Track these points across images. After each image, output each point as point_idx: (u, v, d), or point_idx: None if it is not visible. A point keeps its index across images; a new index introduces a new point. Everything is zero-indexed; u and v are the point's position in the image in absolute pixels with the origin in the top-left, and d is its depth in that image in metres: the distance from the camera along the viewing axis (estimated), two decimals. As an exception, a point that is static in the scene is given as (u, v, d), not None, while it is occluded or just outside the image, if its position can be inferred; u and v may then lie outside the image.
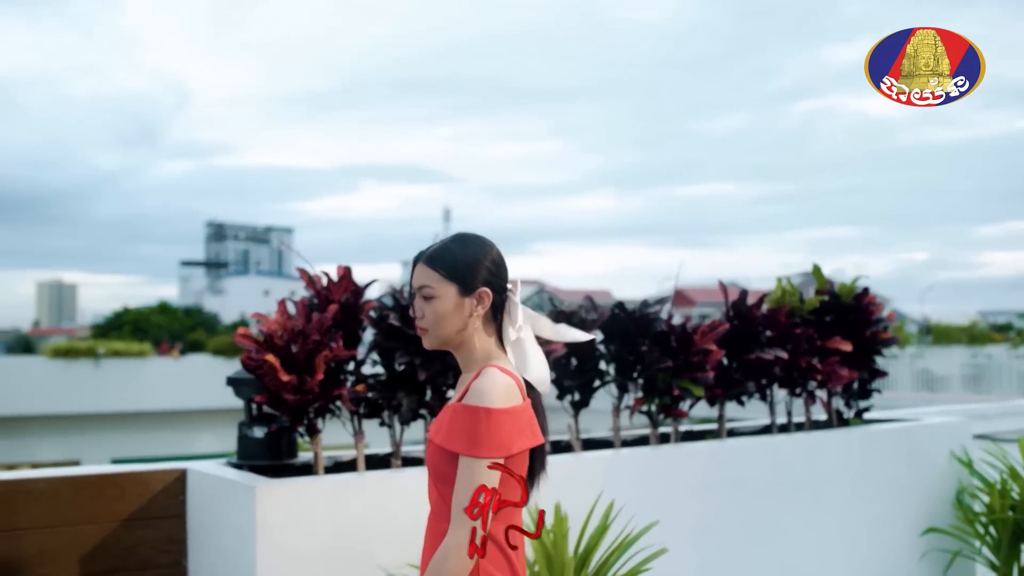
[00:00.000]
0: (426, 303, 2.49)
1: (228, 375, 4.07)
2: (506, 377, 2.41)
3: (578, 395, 4.50)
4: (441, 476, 2.42)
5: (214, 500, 3.74)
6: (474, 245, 2.56)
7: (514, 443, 2.37)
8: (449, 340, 2.52)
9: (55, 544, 3.66)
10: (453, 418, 2.38)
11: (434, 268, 2.49)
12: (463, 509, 2.27)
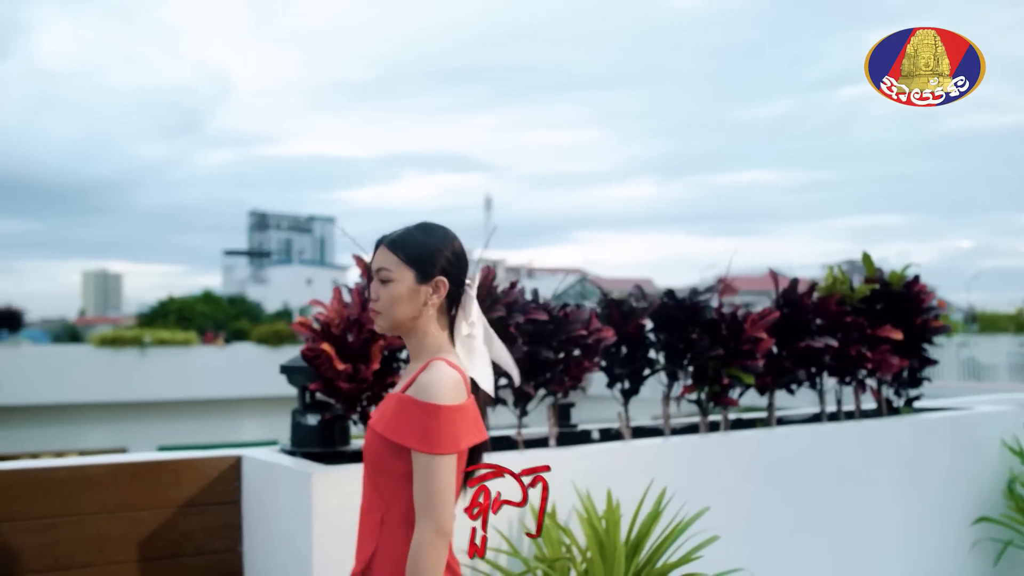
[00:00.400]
0: (383, 286, 2.49)
1: (281, 363, 4.10)
2: (454, 372, 2.42)
3: (628, 383, 4.50)
4: (380, 468, 2.45)
5: (269, 487, 3.79)
6: (437, 234, 2.58)
7: (463, 439, 2.41)
8: (401, 325, 2.52)
9: (114, 529, 3.72)
10: (401, 411, 2.39)
11: (394, 252, 2.50)
12: (425, 505, 2.33)
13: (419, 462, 2.35)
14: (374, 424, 2.46)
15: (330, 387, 3.67)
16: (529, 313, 3.91)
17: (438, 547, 2.33)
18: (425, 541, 2.32)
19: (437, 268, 2.50)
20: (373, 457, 2.46)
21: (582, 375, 4.13)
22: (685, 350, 4.49)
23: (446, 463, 2.36)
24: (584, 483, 3.86)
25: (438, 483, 2.34)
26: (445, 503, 2.36)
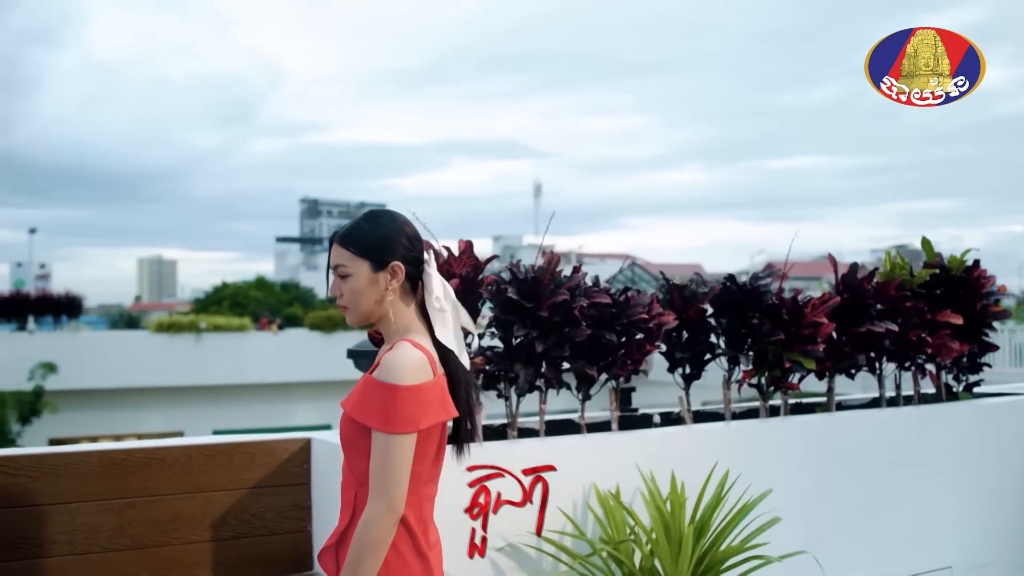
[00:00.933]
0: (342, 281, 2.58)
1: (348, 347, 4.18)
2: (417, 352, 2.48)
3: (688, 368, 4.54)
4: (350, 445, 2.54)
5: (338, 468, 3.86)
6: (384, 221, 2.64)
7: (422, 419, 2.45)
8: (369, 315, 2.60)
9: (189, 510, 3.82)
10: (365, 391, 2.47)
11: (346, 247, 2.57)
12: (378, 481, 2.40)
13: (376, 440, 2.42)
14: (344, 404, 2.53)
15: (397, 371, 3.72)
16: (592, 297, 3.95)
17: (387, 525, 2.41)
18: (374, 516, 2.40)
19: (390, 254, 2.57)
20: (345, 436, 2.56)
21: (643, 359, 4.17)
22: (746, 335, 4.52)
23: (402, 442, 2.42)
24: (647, 466, 3.91)
25: (392, 461, 2.41)
26: (398, 481, 2.42)
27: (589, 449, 3.97)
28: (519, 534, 3.70)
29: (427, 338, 2.60)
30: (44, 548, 3.55)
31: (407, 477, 2.45)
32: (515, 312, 3.87)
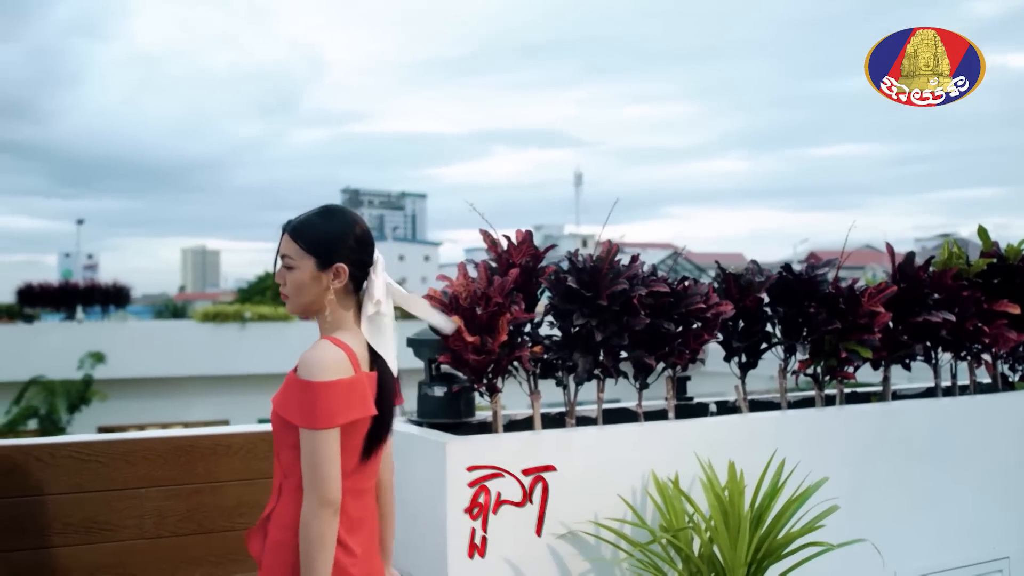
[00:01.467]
0: (287, 272, 2.62)
1: (408, 336, 4.22)
2: (336, 350, 2.53)
3: (744, 357, 4.55)
4: (280, 439, 2.60)
5: (401, 455, 3.91)
6: (338, 220, 2.67)
7: (341, 414, 2.50)
8: (308, 309, 2.65)
9: (251, 495, 3.89)
10: (288, 387, 2.53)
11: (295, 240, 2.61)
12: (309, 477, 2.46)
13: (302, 437, 2.48)
14: (272, 399, 2.58)
15: (458, 360, 3.77)
16: (650, 286, 3.97)
17: (323, 518, 2.46)
18: (310, 512, 2.46)
19: (337, 255, 2.61)
20: (274, 430, 2.61)
21: (700, 348, 4.19)
22: (802, 324, 4.52)
23: (325, 437, 2.47)
24: (705, 454, 3.93)
25: (319, 457, 2.46)
26: (328, 475, 2.47)
27: (647, 437, 4.00)
28: (579, 522, 3.73)
29: (358, 337, 2.65)
30: (115, 532, 3.63)
31: (337, 470, 2.49)
32: (574, 301, 3.90)
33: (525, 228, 4.03)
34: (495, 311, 3.73)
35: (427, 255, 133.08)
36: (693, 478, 3.94)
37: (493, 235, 4.01)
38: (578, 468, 3.78)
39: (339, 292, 2.63)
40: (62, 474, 3.59)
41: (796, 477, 3.98)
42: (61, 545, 3.55)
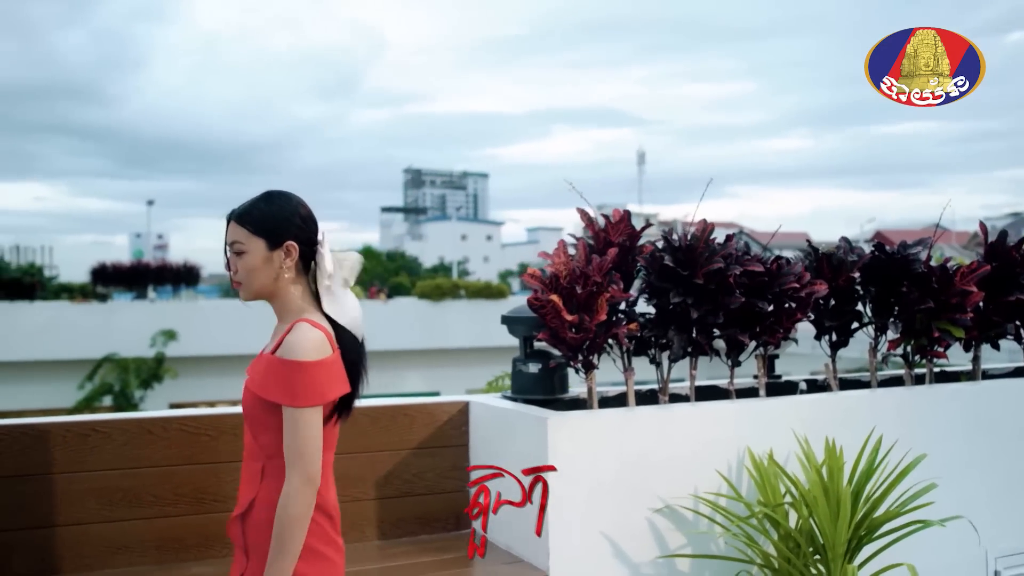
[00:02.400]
0: (238, 258, 2.69)
1: (503, 314, 4.28)
2: (316, 331, 2.62)
3: (835, 336, 4.56)
4: (255, 420, 2.68)
5: (498, 431, 3.98)
6: (280, 201, 2.76)
7: (328, 391, 2.63)
8: (262, 291, 2.73)
9: (355, 469, 3.97)
10: (269, 370, 2.61)
11: (243, 225, 2.69)
12: (293, 456, 2.56)
13: (287, 416, 2.58)
14: (249, 383, 2.67)
15: (556, 337, 3.82)
16: (745, 265, 3.99)
17: (306, 495, 2.56)
18: (294, 489, 2.55)
19: (285, 234, 2.70)
20: (250, 413, 2.68)
21: (793, 326, 4.21)
22: (894, 303, 4.52)
23: (311, 415, 2.59)
24: (801, 431, 3.96)
25: (304, 434, 2.57)
26: (312, 453, 2.59)
27: (742, 414, 4.03)
28: (677, 497, 3.78)
29: (321, 316, 2.72)
30: (223, 503, 3.74)
31: (319, 449, 2.61)
32: (670, 279, 3.93)
33: (588, 208, 4.08)
34: (594, 290, 3.77)
35: (489, 234, 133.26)
36: (787, 455, 3.96)
37: (590, 213, 4.05)
38: (675, 444, 3.82)
39: (291, 271, 2.72)
40: (173, 446, 3.70)
41: (891, 454, 3.99)
42: (174, 515, 3.66)
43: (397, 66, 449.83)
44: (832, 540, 3.52)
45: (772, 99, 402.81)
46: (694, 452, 3.86)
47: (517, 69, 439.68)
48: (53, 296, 39.04)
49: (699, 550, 3.83)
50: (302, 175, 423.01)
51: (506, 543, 3.89)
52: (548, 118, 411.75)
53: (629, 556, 3.72)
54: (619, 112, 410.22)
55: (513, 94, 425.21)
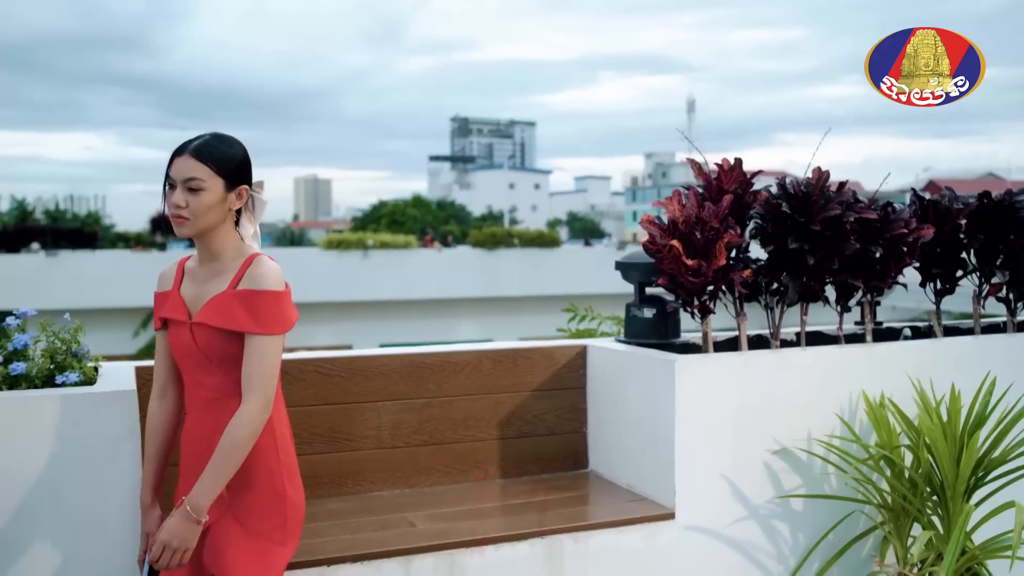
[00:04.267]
0: (191, 194, 2.68)
1: (617, 260, 4.38)
2: (275, 263, 2.76)
3: (940, 283, 4.62)
4: (226, 357, 2.72)
5: (617, 374, 4.10)
6: (236, 145, 2.80)
7: (292, 318, 2.77)
8: (207, 229, 2.74)
9: (477, 410, 4.10)
10: (235, 303, 2.67)
11: (204, 162, 2.69)
12: (255, 382, 2.65)
13: (254, 344, 2.67)
14: (205, 320, 2.70)
15: (674, 282, 3.91)
16: (859, 212, 4.06)
17: (262, 421, 2.67)
18: (253, 414, 2.64)
19: (241, 178, 2.77)
20: (216, 351, 2.71)
21: (901, 272, 4.27)
22: (1000, 251, 4.56)
23: (278, 342, 2.72)
24: (914, 375, 4.03)
25: (271, 362, 2.68)
26: (273, 378, 2.69)
27: (856, 358, 4.11)
28: (794, 439, 3.88)
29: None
30: (355, 442, 3.88)
31: (277, 376, 2.73)
32: (786, 226, 4.01)
33: (635, 156, 4.18)
34: (711, 236, 3.86)
35: (537, 183, 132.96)
36: (899, 399, 4.04)
37: (699, 161, 4.12)
38: (792, 388, 3.92)
39: (231, 213, 2.78)
40: (309, 387, 3.84)
41: (1002, 398, 4.05)
42: (308, 453, 3.80)
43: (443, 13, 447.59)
44: (951, 480, 3.61)
45: (823, 45, 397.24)
46: (810, 395, 3.95)
47: (563, 15, 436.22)
48: (110, 245, 39.58)
49: (813, 491, 3.93)
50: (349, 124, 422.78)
51: (627, 483, 4.01)
52: (595, 65, 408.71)
53: (747, 496, 3.84)
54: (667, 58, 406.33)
55: (559, 40, 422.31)
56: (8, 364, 3.05)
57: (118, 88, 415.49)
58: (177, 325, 2.78)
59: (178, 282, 2.85)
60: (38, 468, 2.85)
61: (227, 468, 2.63)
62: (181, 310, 2.78)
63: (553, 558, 3.53)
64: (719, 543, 3.81)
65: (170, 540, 2.60)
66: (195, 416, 2.80)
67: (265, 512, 2.76)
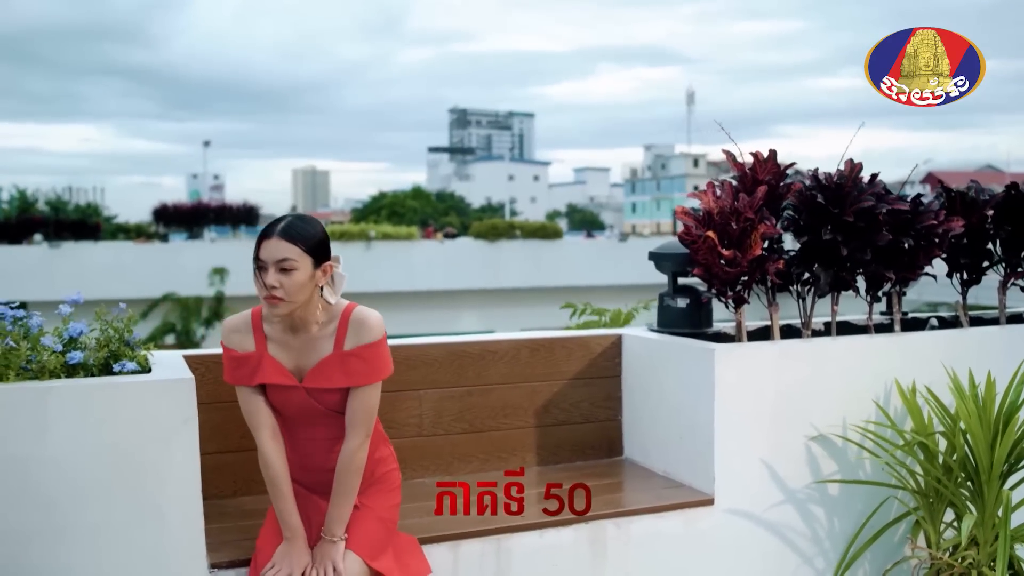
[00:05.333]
0: (284, 274, 2.85)
1: (650, 250, 4.43)
2: (372, 310, 3.07)
3: (966, 273, 4.68)
4: (342, 407, 3.02)
5: (654, 361, 4.16)
6: (316, 223, 3.01)
7: (390, 363, 3.09)
8: (299, 305, 2.92)
9: (516, 398, 4.17)
10: (353, 360, 2.96)
11: (293, 243, 2.86)
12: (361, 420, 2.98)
13: (369, 391, 3.00)
14: (326, 385, 2.97)
15: (709, 272, 3.97)
16: (891, 203, 4.12)
17: (365, 449, 3.02)
18: (358, 445, 2.99)
19: (325, 254, 2.96)
20: (329, 406, 3.01)
21: (929, 262, 4.33)
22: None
23: (380, 385, 3.05)
24: (949, 363, 4.10)
25: (374, 403, 3.03)
26: (374, 415, 3.05)
27: (888, 347, 4.18)
28: (830, 426, 3.95)
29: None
30: (398, 429, 3.94)
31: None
32: (820, 216, 4.07)
33: (635, 147, 4.29)
34: (746, 227, 3.92)
35: (536, 175, 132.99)
36: (931, 386, 4.10)
37: (733, 152, 4.18)
38: (827, 376, 3.99)
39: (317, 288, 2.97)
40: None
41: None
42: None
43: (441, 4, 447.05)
44: (987, 465, 3.68)
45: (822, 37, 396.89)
46: (845, 383, 4.02)
47: (562, 6, 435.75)
48: (110, 236, 39.63)
49: (848, 477, 4.00)
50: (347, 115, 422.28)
51: (664, 469, 4.08)
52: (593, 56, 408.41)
53: (785, 482, 3.91)
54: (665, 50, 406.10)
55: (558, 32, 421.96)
56: (66, 352, 3.10)
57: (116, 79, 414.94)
58: (283, 388, 3.00)
59: (261, 344, 3.02)
60: (98, 455, 2.90)
61: (351, 493, 3.00)
62: (284, 375, 3.00)
63: (596, 543, 3.60)
64: (757, 528, 3.88)
65: (323, 562, 2.93)
66: (305, 454, 3.09)
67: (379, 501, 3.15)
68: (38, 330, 3.19)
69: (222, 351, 3.07)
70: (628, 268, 34.07)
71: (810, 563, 3.97)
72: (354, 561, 2.93)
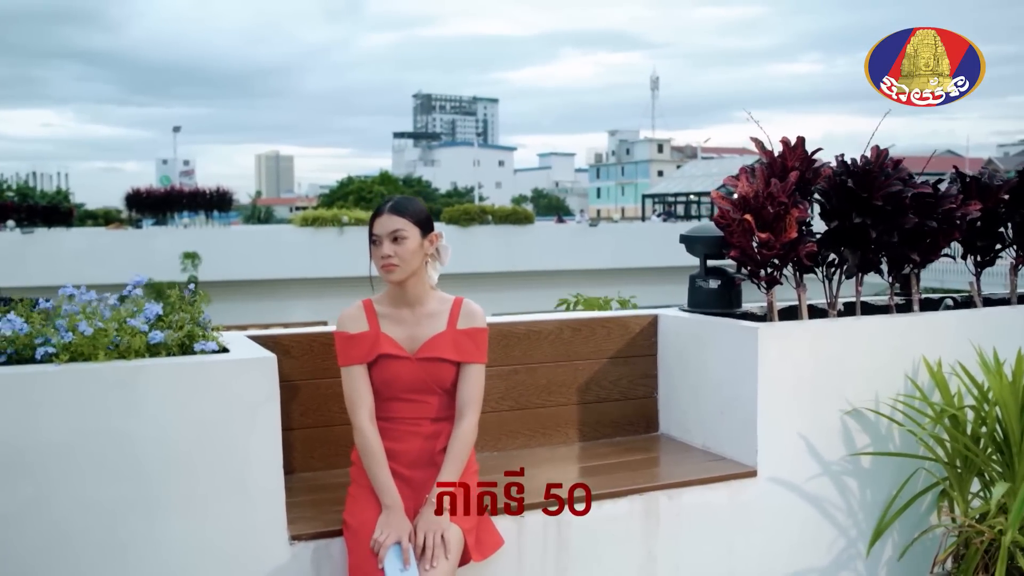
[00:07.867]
0: (397, 244, 3.22)
1: (681, 232, 4.59)
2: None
3: (980, 255, 4.86)
4: (449, 383, 3.31)
5: (691, 341, 4.33)
6: (418, 201, 3.38)
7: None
8: (412, 272, 3.27)
9: (559, 376, 4.33)
10: (464, 339, 3.30)
11: (402, 216, 3.23)
12: (474, 400, 3.29)
13: (473, 371, 3.31)
14: (438, 355, 3.26)
15: (744, 254, 4.13)
16: (916, 188, 4.29)
17: (477, 428, 3.31)
18: (474, 424, 3.28)
19: (432, 226, 3.33)
20: (437, 378, 3.29)
21: (948, 244, 4.51)
22: (1039, 224, 4.81)
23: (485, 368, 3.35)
24: (975, 341, 4.28)
25: (483, 383, 3.34)
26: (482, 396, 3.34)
27: (915, 326, 4.36)
28: (863, 401, 4.13)
29: None
30: (539, 399, 4.25)
31: None
32: (849, 201, 4.23)
33: (599, 132, 4.48)
34: (780, 211, 4.08)
35: (501, 160, 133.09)
36: (954, 363, 4.28)
37: (762, 139, 4.33)
38: (860, 353, 4.17)
39: (425, 258, 3.32)
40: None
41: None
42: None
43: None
44: (1017, 436, 3.87)
45: (784, 22, 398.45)
46: (875, 360, 4.20)
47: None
48: (79, 222, 39.41)
49: (880, 450, 4.19)
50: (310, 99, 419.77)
51: (703, 443, 4.25)
52: (556, 41, 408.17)
53: (822, 454, 4.09)
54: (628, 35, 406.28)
55: (520, 16, 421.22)
56: (150, 332, 3.21)
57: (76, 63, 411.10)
58: (396, 360, 3.26)
59: (375, 323, 3.31)
60: (185, 432, 3.04)
61: (461, 466, 3.23)
62: (397, 347, 3.27)
63: (650, 514, 3.77)
64: (796, 498, 4.06)
65: (429, 529, 3.06)
66: (412, 430, 3.30)
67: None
68: (112, 312, 3.31)
69: (335, 340, 3.32)
70: (599, 252, 34.31)
71: (845, 533, 4.16)
72: (455, 532, 3.09)
